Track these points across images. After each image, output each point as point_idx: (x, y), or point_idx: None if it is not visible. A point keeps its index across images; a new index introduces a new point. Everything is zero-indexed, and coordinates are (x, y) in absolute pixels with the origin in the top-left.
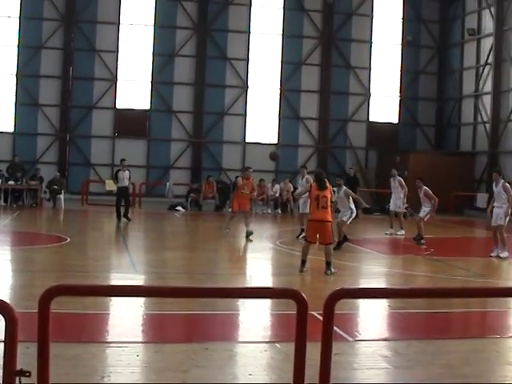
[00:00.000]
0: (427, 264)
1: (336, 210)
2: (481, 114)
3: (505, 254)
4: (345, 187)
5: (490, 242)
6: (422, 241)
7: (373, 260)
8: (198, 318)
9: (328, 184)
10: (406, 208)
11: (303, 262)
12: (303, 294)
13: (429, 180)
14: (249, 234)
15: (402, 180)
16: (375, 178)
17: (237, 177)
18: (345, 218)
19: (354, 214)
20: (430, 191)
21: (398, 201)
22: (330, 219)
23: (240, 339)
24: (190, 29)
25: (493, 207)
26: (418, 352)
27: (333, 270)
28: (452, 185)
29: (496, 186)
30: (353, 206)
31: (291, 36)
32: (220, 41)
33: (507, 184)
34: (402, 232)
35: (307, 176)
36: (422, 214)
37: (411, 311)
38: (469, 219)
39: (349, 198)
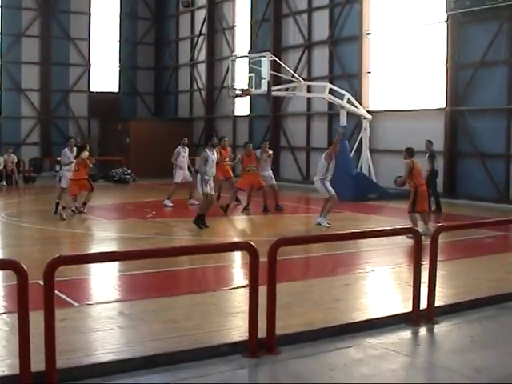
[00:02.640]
0: (150, 226)
1: None
2: (196, 82)
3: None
4: None
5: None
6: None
7: (99, 226)
8: None
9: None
10: (129, 174)
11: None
12: (22, 264)
13: (150, 146)
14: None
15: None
16: (98, 146)
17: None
18: None
19: None
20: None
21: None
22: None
23: None
24: None
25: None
26: (142, 311)
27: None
28: (172, 149)
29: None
30: None
31: (10, 7)
32: None
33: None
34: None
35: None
36: (272, 180)
37: (135, 272)
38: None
39: None
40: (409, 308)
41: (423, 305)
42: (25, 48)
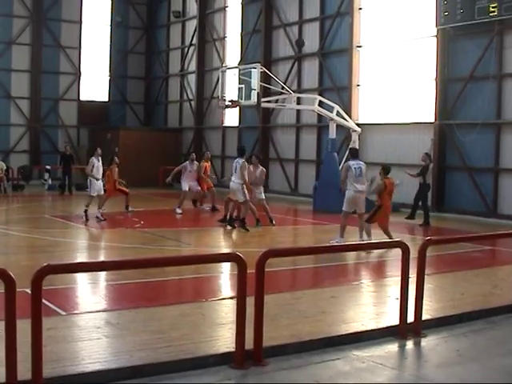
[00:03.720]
0: (137, 236)
1: None
2: (186, 92)
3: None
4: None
5: (197, 212)
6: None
7: (86, 235)
8: None
9: None
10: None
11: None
12: (10, 272)
13: (139, 155)
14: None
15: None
16: (87, 155)
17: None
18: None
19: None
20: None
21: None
22: None
23: None
24: None
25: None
26: (129, 321)
27: None
28: (161, 159)
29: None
30: None
31: (0, 15)
32: None
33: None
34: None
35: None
36: (260, 195)
37: (123, 282)
38: (177, 192)
39: None
40: (396, 321)
41: (410, 318)
42: (15, 56)
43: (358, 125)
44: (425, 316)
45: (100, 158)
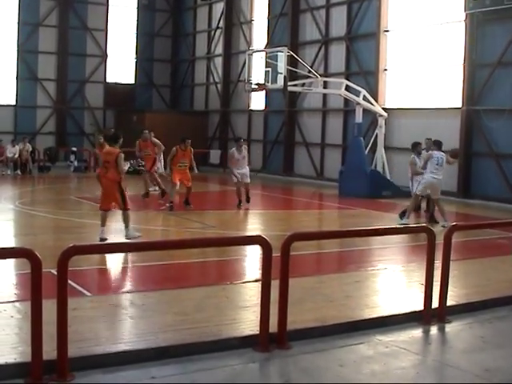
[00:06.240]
0: (163, 218)
1: None
2: (213, 75)
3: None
4: None
5: (221, 195)
6: None
7: (113, 216)
8: None
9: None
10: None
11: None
12: (36, 253)
13: (165, 138)
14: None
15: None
16: None
17: None
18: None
19: None
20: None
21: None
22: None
23: None
24: None
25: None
26: (154, 302)
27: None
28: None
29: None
30: None
31: None
32: None
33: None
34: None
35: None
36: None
37: (147, 264)
38: (203, 175)
39: None
40: (420, 306)
41: (435, 304)
42: (42, 38)
43: (384, 109)
44: (449, 302)
45: None
